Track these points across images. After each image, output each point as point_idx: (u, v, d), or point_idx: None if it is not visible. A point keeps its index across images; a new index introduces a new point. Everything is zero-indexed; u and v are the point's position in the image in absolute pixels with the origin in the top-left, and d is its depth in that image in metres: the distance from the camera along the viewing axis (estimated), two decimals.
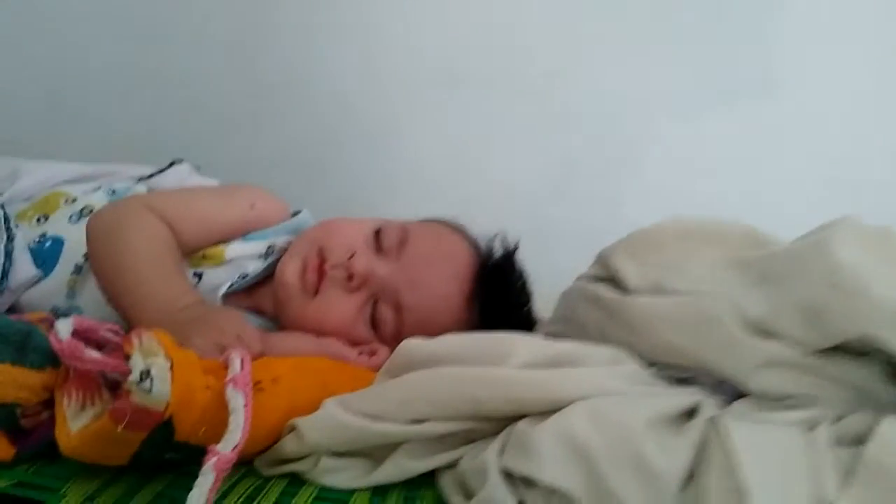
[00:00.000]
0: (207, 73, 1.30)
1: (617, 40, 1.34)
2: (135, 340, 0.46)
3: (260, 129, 1.32)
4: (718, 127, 1.34)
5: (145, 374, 0.45)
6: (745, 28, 1.32)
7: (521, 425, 0.48)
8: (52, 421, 0.50)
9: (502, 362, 0.52)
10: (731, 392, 0.57)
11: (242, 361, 0.50)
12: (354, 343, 0.67)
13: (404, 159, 1.36)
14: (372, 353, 0.66)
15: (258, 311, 0.72)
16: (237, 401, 0.47)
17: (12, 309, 0.68)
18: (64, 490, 0.47)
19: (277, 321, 0.71)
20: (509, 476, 0.47)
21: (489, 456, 0.47)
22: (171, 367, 0.46)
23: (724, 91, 1.33)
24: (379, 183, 1.36)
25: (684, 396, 0.52)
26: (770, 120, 1.34)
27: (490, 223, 0.79)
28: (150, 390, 0.45)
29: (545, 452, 0.45)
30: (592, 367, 0.54)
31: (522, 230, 0.80)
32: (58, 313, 0.67)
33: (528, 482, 0.46)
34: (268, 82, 1.33)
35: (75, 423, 0.48)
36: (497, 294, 0.71)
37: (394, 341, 0.68)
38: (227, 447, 0.44)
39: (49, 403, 0.51)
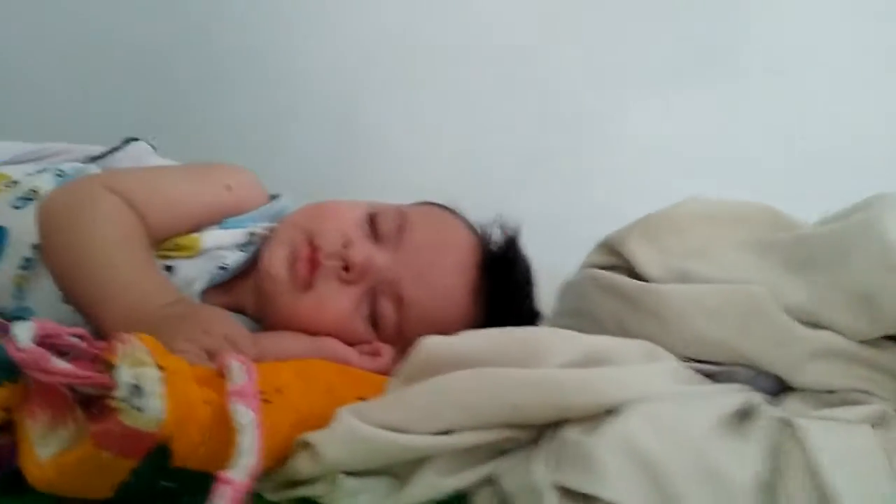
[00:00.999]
0: (158, 45, 1.19)
1: (584, 14, 1.30)
2: (118, 347, 0.39)
3: (213, 106, 1.23)
4: (690, 104, 1.32)
5: (134, 389, 0.37)
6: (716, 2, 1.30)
7: (571, 434, 0.43)
8: (12, 447, 0.41)
9: (538, 362, 0.46)
10: (768, 387, 0.53)
11: (246, 369, 0.42)
12: (351, 342, 0.60)
13: (364, 138, 1.29)
14: (374, 354, 0.59)
15: (238, 309, 0.64)
16: (246, 417, 0.39)
17: None
18: None
19: (259, 321, 0.63)
20: (561, 491, 0.42)
21: (538, 472, 0.42)
22: (164, 379, 0.39)
23: (694, 68, 1.30)
24: (338, 163, 1.28)
25: (735, 395, 0.48)
26: (742, 97, 1.32)
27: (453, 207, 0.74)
28: (141, 408, 0.37)
29: (607, 466, 0.40)
30: (632, 364, 0.49)
31: (488, 216, 0.74)
32: (5, 316, 0.57)
33: (584, 497, 0.41)
34: (221, 56, 1.23)
35: (45, 450, 0.40)
36: (503, 284, 0.65)
37: (395, 339, 0.62)
38: (241, 473, 0.37)
39: (8, 426, 0.42)
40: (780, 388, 0.52)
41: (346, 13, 1.24)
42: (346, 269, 0.60)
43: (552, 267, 0.74)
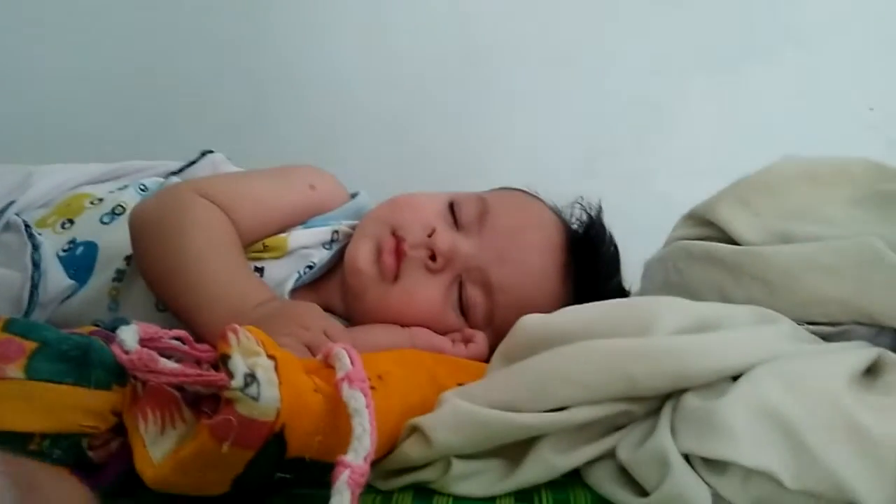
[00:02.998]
0: (203, 75, 1.21)
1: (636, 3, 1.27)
2: (231, 338, 0.38)
3: (261, 131, 1.23)
4: (749, 85, 1.28)
5: (250, 378, 0.37)
6: None
7: (693, 401, 0.41)
8: (124, 451, 0.41)
9: (647, 331, 0.44)
10: (889, 344, 0.50)
11: (351, 356, 0.42)
12: (442, 331, 0.59)
13: (420, 149, 1.28)
14: (467, 341, 0.58)
15: (326, 308, 0.63)
16: (358, 401, 0.39)
17: None
18: None
19: (348, 318, 0.63)
20: (687, 461, 0.39)
21: (664, 440, 0.39)
22: (276, 367, 0.38)
23: (752, 47, 1.26)
24: (392, 175, 1.27)
25: (863, 350, 0.45)
26: (800, 74, 1.27)
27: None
28: (257, 397, 0.37)
29: (740, 430, 0.37)
30: (749, 328, 0.46)
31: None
32: (103, 327, 0.58)
33: (714, 465, 0.38)
34: (267, 81, 1.24)
35: (158, 449, 0.40)
36: (591, 263, 0.64)
37: (485, 325, 0.61)
38: (358, 457, 0.36)
39: (117, 430, 0.42)
40: None
41: (393, 24, 1.23)
42: (433, 257, 0.59)
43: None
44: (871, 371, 0.44)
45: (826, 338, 0.51)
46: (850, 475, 0.36)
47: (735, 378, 0.41)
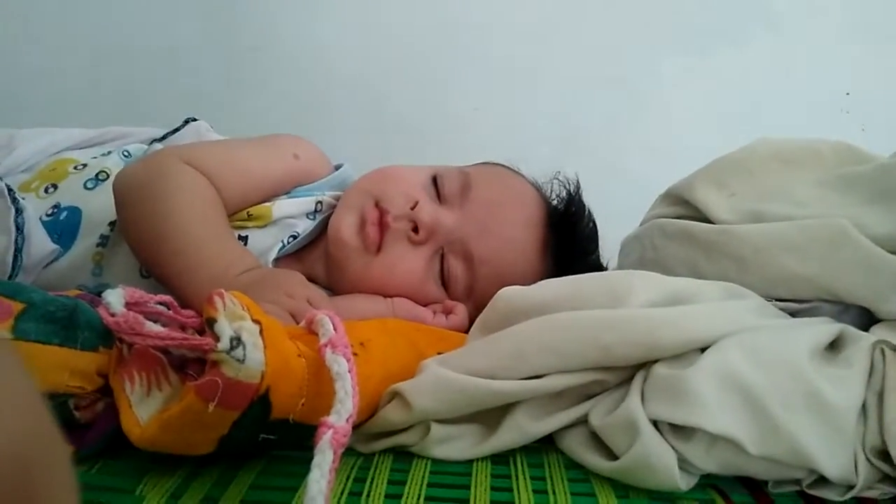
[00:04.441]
0: (181, 44, 1.20)
1: None
2: (218, 302, 0.39)
3: (239, 100, 1.23)
4: (723, 66, 1.29)
5: (236, 342, 0.38)
6: None
7: (662, 370, 0.42)
8: (110, 412, 0.42)
9: (621, 303, 0.46)
10: (853, 321, 0.52)
11: (334, 323, 0.43)
12: (423, 303, 0.60)
13: (396, 119, 1.28)
14: (448, 312, 0.59)
15: (309, 278, 0.64)
16: (340, 365, 0.40)
17: None
18: (140, 490, 0.39)
19: (330, 288, 0.64)
20: (656, 427, 0.41)
21: (634, 407, 0.41)
22: (261, 332, 0.39)
23: (726, 28, 1.28)
24: (367, 147, 1.28)
25: (827, 325, 0.47)
26: (774, 57, 1.29)
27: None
28: (243, 359, 0.37)
29: (707, 398, 0.39)
30: (719, 302, 0.48)
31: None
32: (88, 292, 0.59)
33: (681, 431, 0.40)
34: (246, 46, 1.23)
35: (144, 410, 0.41)
36: (571, 238, 0.65)
37: (466, 298, 0.62)
38: (341, 418, 0.37)
39: (103, 390, 0.43)
40: (866, 321, 0.51)
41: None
42: (415, 230, 0.60)
43: None
44: (834, 346, 0.46)
45: (793, 314, 0.53)
46: (808, 442, 0.38)
47: (703, 349, 0.43)
